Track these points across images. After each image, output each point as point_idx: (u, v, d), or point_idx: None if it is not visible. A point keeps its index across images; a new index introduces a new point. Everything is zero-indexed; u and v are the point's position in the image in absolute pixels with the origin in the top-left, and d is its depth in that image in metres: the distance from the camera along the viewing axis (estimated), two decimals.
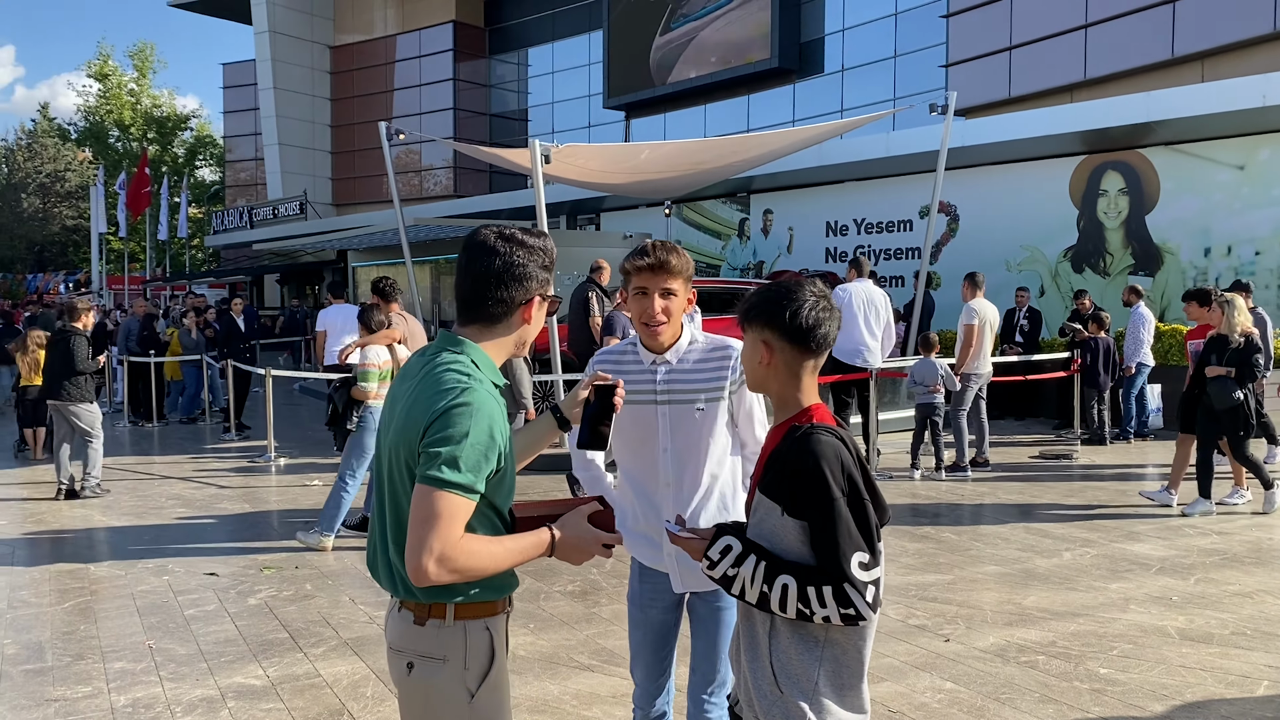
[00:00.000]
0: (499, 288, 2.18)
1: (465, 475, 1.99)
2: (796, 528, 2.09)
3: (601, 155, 11.69)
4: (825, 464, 2.05)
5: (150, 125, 52.32)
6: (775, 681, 2.11)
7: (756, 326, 2.24)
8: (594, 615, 5.63)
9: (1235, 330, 7.90)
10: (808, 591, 2.02)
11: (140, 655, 5.09)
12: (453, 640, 2.13)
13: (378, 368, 7.19)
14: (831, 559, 2.03)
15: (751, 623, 2.19)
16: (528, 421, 7.68)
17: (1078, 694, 4.40)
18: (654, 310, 2.81)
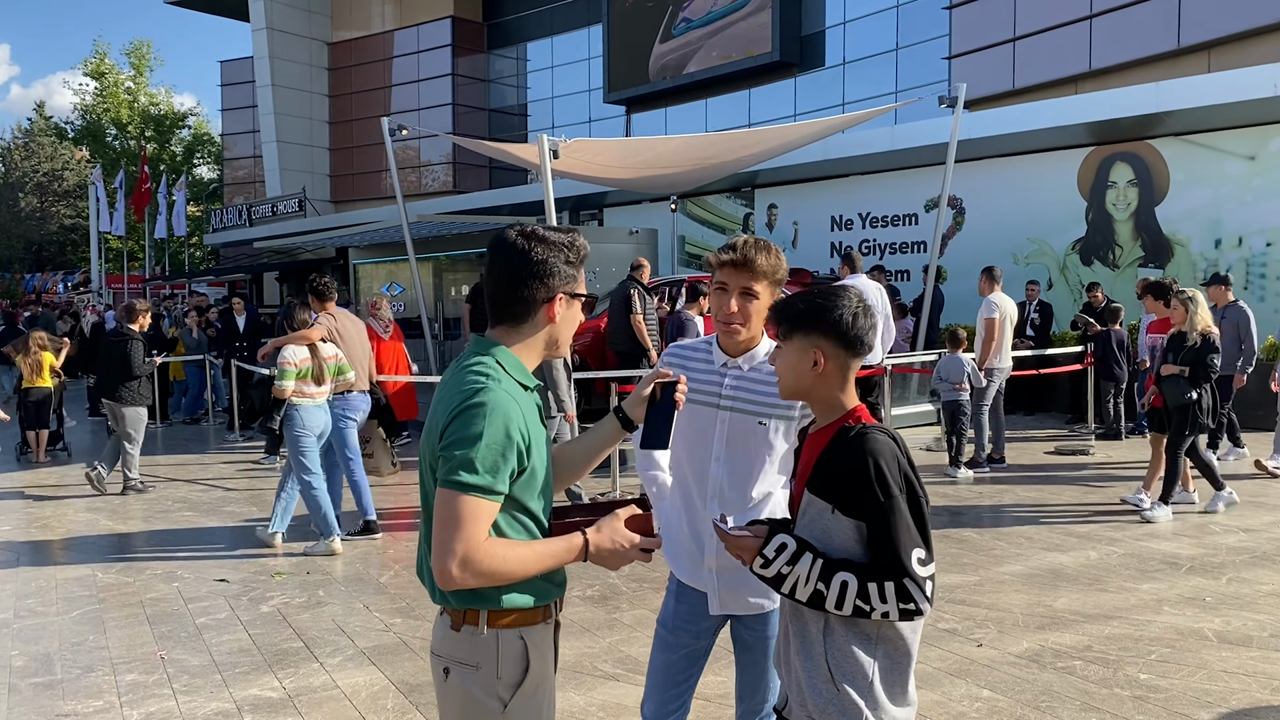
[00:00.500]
0: (519, 287, 2.16)
1: (483, 477, 1.98)
2: (850, 526, 2.11)
3: (610, 150, 11.56)
4: (884, 462, 2.08)
5: (148, 123, 52.05)
6: (832, 679, 2.12)
7: (805, 333, 2.23)
8: (615, 621, 5.50)
9: (1196, 328, 7.64)
10: (868, 588, 2.04)
11: (152, 666, 4.97)
12: (485, 648, 2.11)
13: (295, 366, 7.15)
14: (892, 555, 2.05)
15: (803, 622, 2.19)
16: (568, 425, 7.58)
17: (1119, 701, 4.28)
18: (729, 308, 2.67)
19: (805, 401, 2.32)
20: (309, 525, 7.43)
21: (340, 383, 7.48)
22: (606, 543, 2.12)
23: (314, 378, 7.23)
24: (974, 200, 17.60)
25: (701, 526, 2.74)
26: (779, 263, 2.70)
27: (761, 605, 2.74)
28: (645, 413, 2.43)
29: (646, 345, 10.60)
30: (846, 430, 2.17)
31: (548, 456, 2.22)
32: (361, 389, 7.83)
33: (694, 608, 2.80)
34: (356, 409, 7.77)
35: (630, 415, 2.45)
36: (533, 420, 2.13)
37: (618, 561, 2.14)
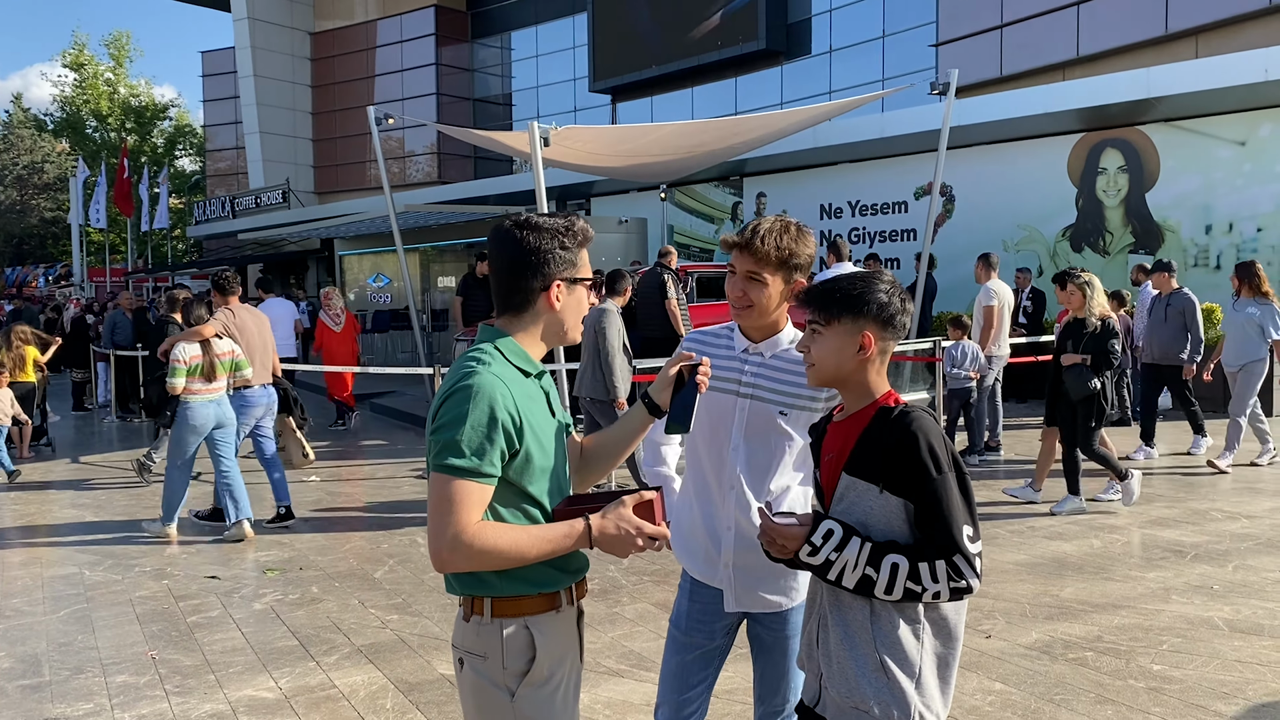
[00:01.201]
0: (516, 277, 2.16)
1: (469, 459, 1.98)
2: (898, 506, 2.08)
3: (601, 137, 11.43)
4: (934, 439, 2.06)
5: (128, 115, 51.57)
6: (883, 667, 2.08)
7: (852, 317, 2.18)
8: (617, 616, 5.41)
9: (1094, 314, 7.35)
10: (919, 569, 2.01)
11: (143, 667, 4.84)
12: (491, 637, 2.11)
13: (184, 364, 7.20)
14: (944, 532, 2.02)
15: (844, 612, 2.13)
16: (619, 412, 7.51)
17: (1134, 693, 4.20)
18: (734, 292, 2.58)
19: (840, 389, 2.24)
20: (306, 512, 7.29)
21: (238, 378, 7.58)
22: (611, 528, 2.08)
23: (204, 374, 7.29)
24: (964, 188, 17.54)
25: (717, 520, 2.64)
26: (795, 247, 2.56)
27: (780, 603, 2.63)
28: (670, 398, 2.36)
29: (680, 330, 10.69)
30: (888, 410, 2.14)
31: (555, 444, 2.19)
32: (263, 383, 7.93)
33: (708, 606, 2.69)
34: (255, 404, 7.87)
35: (657, 400, 2.38)
36: (530, 405, 2.12)
37: (623, 549, 2.09)
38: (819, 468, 2.27)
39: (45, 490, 9.45)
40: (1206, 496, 7.84)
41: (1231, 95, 13.69)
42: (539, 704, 2.13)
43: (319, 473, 9.83)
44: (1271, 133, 13.96)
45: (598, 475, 2.43)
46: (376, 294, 20.94)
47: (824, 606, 2.18)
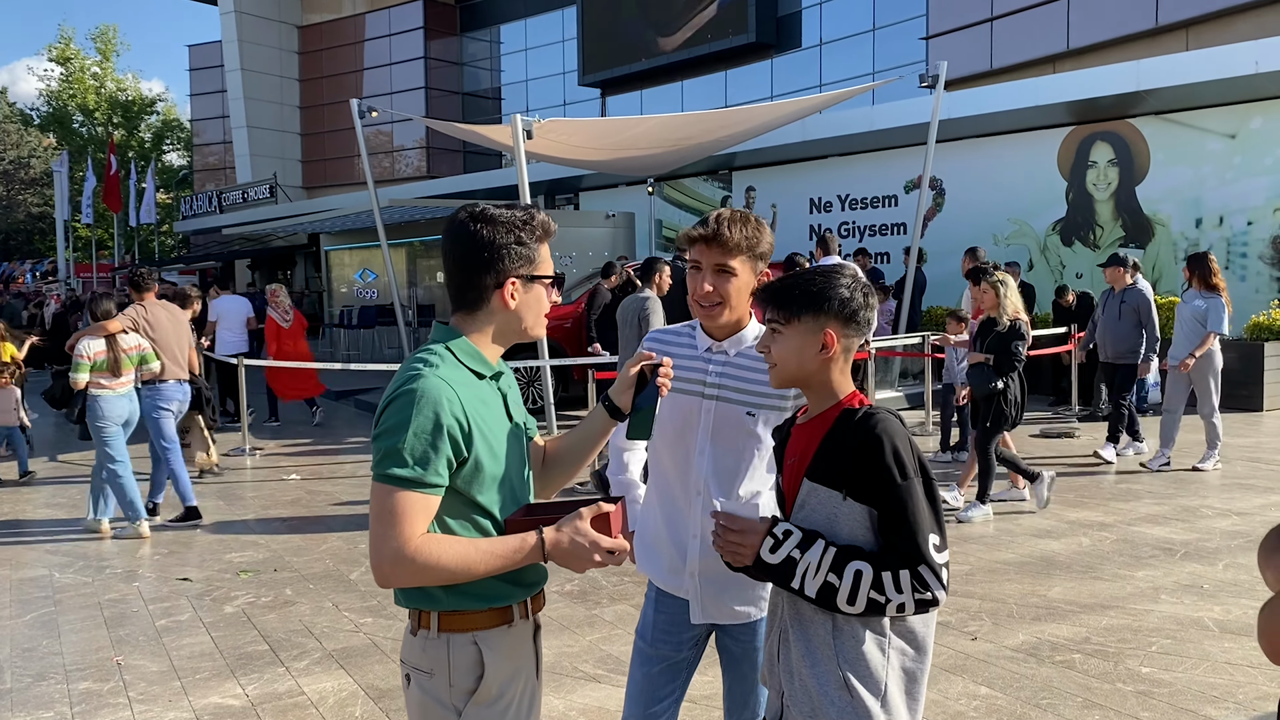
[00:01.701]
0: (468, 272, 2.04)
1: (412, 469, 1.88)
2: (861, 513, 1.95)
3: (584, 130, 11.29)
4: (899, 443, 1.94)
5: (115, 109, 51.24)
6: (845, 685, 1.95)
7: (813, 314, 2.06)
8: (596, 618, 5.29)
9: (1005, 313, 7.12)
10: (883, 578, 1.89)
11: (108, 673, 4.71)
12: (437, 653, 2.01)
13: (89, 359, 7.15)
14: (909, 541, 1.90)
15: (805, 627, 2.01)
16: None
17: (1123, 697, 4.10)
18: (703, 288, 2.45)
19: (803, 389, 2.12)
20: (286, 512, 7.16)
21: (144, 372, 7.52)
22: (566, 542, 1.95)
23: (110, 369, 7.24)
24: (953, 181, 17.45)
25: (683, 528, 2.51)
26: (759, 235, 2.47)
27: (748, 614, 2.51)
28: (631, 400, 2.24)
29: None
30: (851, 413, 2.02)
31: (510, 450, 2.07)
32: (177, 378, 7.87)
33: (674, 617, 2.57)
34: (170, 399, 7.81)
35: (617, 403, 2.25)
36: (482, 409, 2.00)
37: (579, 563, 1.97)
38: (781, 472, 2.16)
39: (20, 490, 9.30)
40: (1197, 493, 7.75)
41: (1222, 88, 13.61)
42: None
43: (299, 470, 9.70)
44: (1262, 125, 13.88)
45: (562, 481, 2.32)
46: (363, 289, 20.78)
47: (785, 620, 2.06)
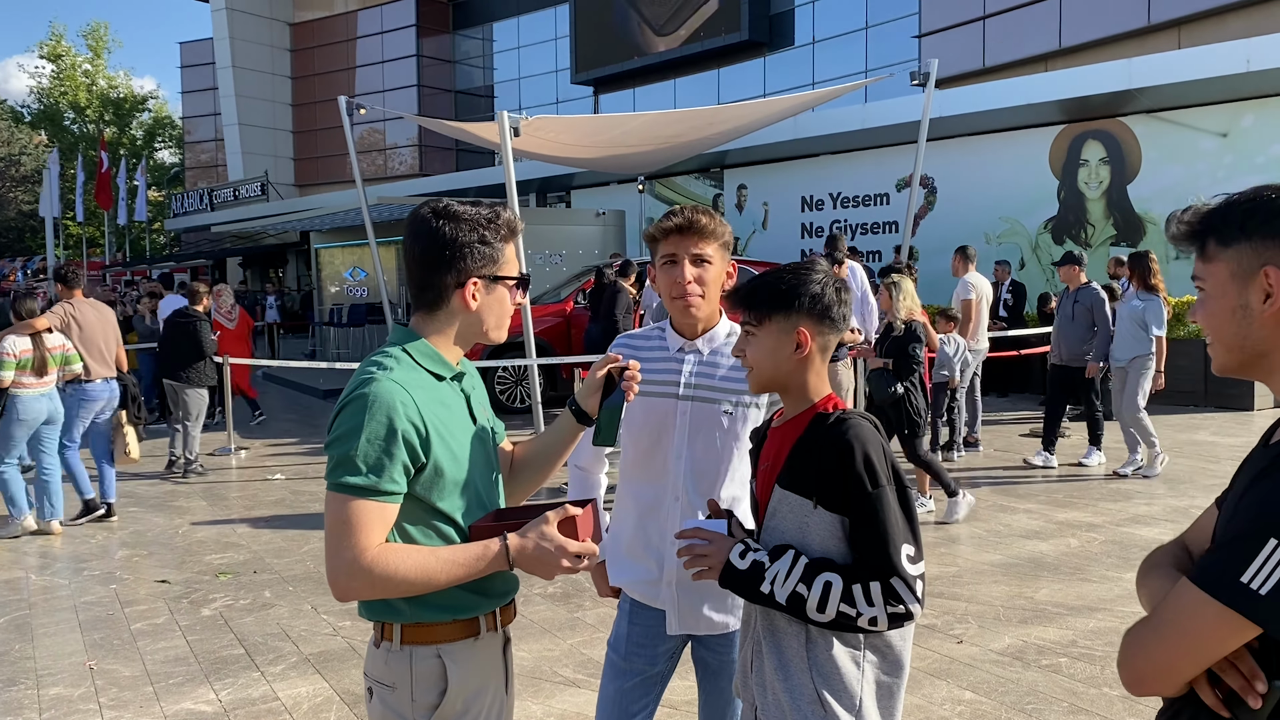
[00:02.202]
0: (428, 271, 1.97)
1: (366, 476, 1.81)
2: (832, 522, 1.88)
3: (573, 128, 11.21)
4: (871, 449, 1.87)
5: (106, 107, 51.04)
6: (819, 699, 1.88)
7: (785, 313, 1.99)
8: (578, 621, 5.22)
9: (899, 315, 7.01)
10: (853, 590, 1.82)
11: (80, 678, 4.63)
12: (400, 666, 1.94)
13: (14, 357, 7.11)
14: (880, 552, 1.83)
15: (778, 638, 1.94)
16: None
17: (1109, 703, 4.04)
18: (684, 279, 2.37)
19: (781, 393, 2.05)
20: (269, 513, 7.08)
21: (66, 372, 7.49)
22: (531, 547, 1.88)
23: (35, 369, 7.20)
24: (945, 179, 17.40)
25: (660, 535, 2.44)
26: (726, 227, 2.45)
27: (726, 624, 2.43)
28: (598, 404, 2.17)
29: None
30: (824, 417, 1.95)
31: (474, 453, 1.99)
32: (104, 377, 7.85)
33: (648, 629, 2.49)
34: (95, 398, 7.79)
35: (584, 406, 2.18)
36: (441, 412, 1.93)
37: (546, 570, 1.90)
38: (755, 478, 2.09)
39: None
40: (1186, 494, 7.70)
41: (1213, 86, 13.58)
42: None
43: (284, 471, 9.62)
44: (1254, 124, 13.86)
45: (531, 486, 2.25)
46: (354, 287, 20.68)
47: (758, 632, 1.99)
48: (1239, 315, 1.43)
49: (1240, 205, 1.43)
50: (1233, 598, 1.26)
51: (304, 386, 16.34)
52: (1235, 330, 1.44)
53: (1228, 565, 1.27)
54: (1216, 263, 1.45)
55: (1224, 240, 1.44)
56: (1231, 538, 1.29)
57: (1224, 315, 1.45)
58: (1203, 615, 1.28)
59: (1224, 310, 1.45)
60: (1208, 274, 1.47)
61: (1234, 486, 1.44)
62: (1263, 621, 1.25)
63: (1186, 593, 1.31)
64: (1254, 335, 1.43)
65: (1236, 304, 1.43)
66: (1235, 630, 1.27)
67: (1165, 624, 1.33)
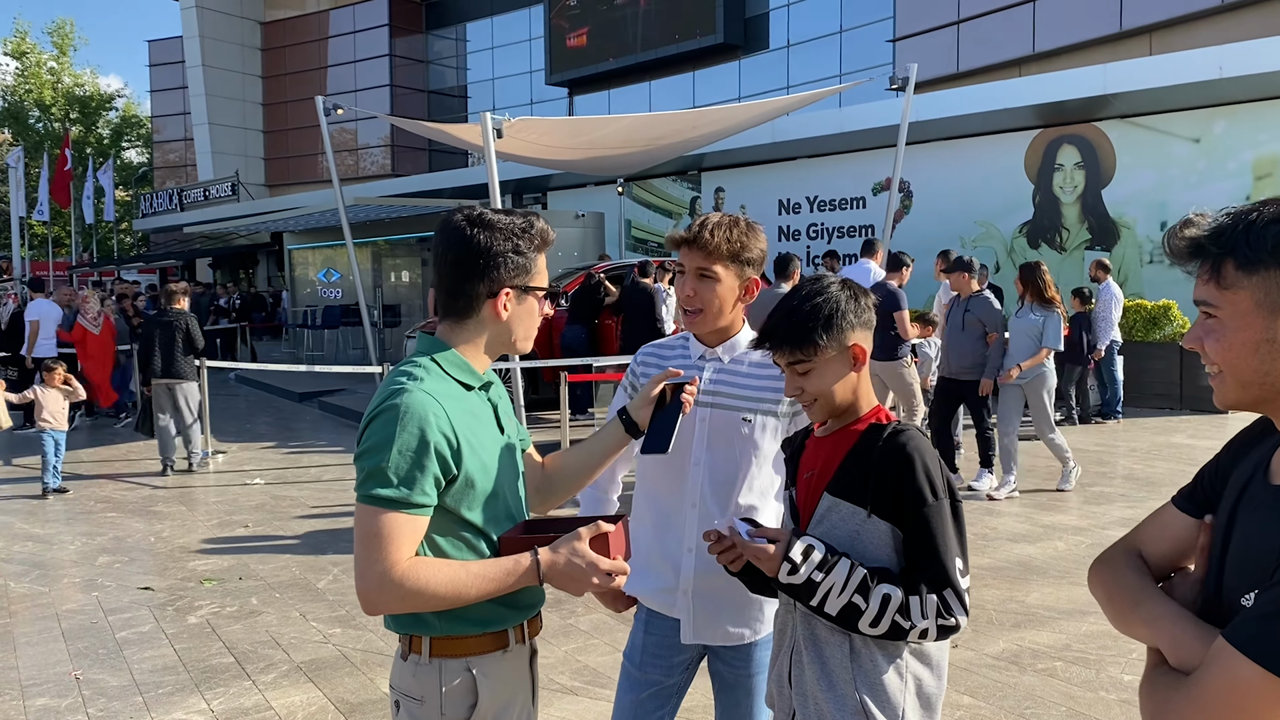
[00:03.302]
0: (460, 279, 1.94)
1: (398, 489, 1.79)
2: (884, 531, 1.87)
3: (556, 130, 11.16)
4: (930, 463, 1.87)
5: (72, 105, 50.34)
6: (864, 710, 1.87)
7: (836, 338, 1.95)
8: (571, 628, 5.19)
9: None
10: (910, 602, 1.81)
11: (66, 688, 4.54)
12: (429, 680, 1.91)
13: None
14: (936, 564, 1.83)
15: (820, 648, 1.92)
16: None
17: (1106, 706, 4.06)
18: (685, 291, 2.37)
19: (836, 411, 2.01)
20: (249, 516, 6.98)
21: None
22: (562, 563, 1.86)
23: None
24: (921, 183, 17.50)
25: (677, 543, 2.41)
26: (749, 241, 2.37)
27: (742, 635, 2.40)
28: (650, 415, 2.17)
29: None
30: (880, 428, 1.93)
31: (503, 465, 1.97)
32: None
33: (664, 639, 2.46)
34: None
35: (636, 419, 2.18)
36: (472, 423, 1.90)
37: (577, 586, 1.88)
38: (795, 485, 2.07)
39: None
40: (1167, 496, 7.72)
41: (1187, 92, 13.75)
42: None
43: (263, 475, 9.51)
44: (1225, 130, 14.03)
45: (563, 497, 2.23)
46: (327, 289, 20.52)
47: (798, 640, 1.97)
48: (1263, 350, 1.30)
49: (1269, 225, 1.29)
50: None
51: (279, 389, 16.17)
52: (1257, 366, 1.31)
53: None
54: (1237, 290, 1.31)
55: (1248, 265, 1.29)
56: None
57: (1244, 349, 1.31)
58: (1261, 691, 1.18)
59: (1245, 344, 1.31)
60: (1225, 301, 1.32)
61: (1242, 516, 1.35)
62: None
63: (1235, 663, 1.20)
64: (1276, 371, 1.30)
65: (1262, 338, 1.29)
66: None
67: (1214, 696, 1.22)
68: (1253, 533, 1.32)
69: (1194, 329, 1.38)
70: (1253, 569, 1.28)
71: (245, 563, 6.56)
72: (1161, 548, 1.52)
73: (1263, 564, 1.26)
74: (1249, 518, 1.34)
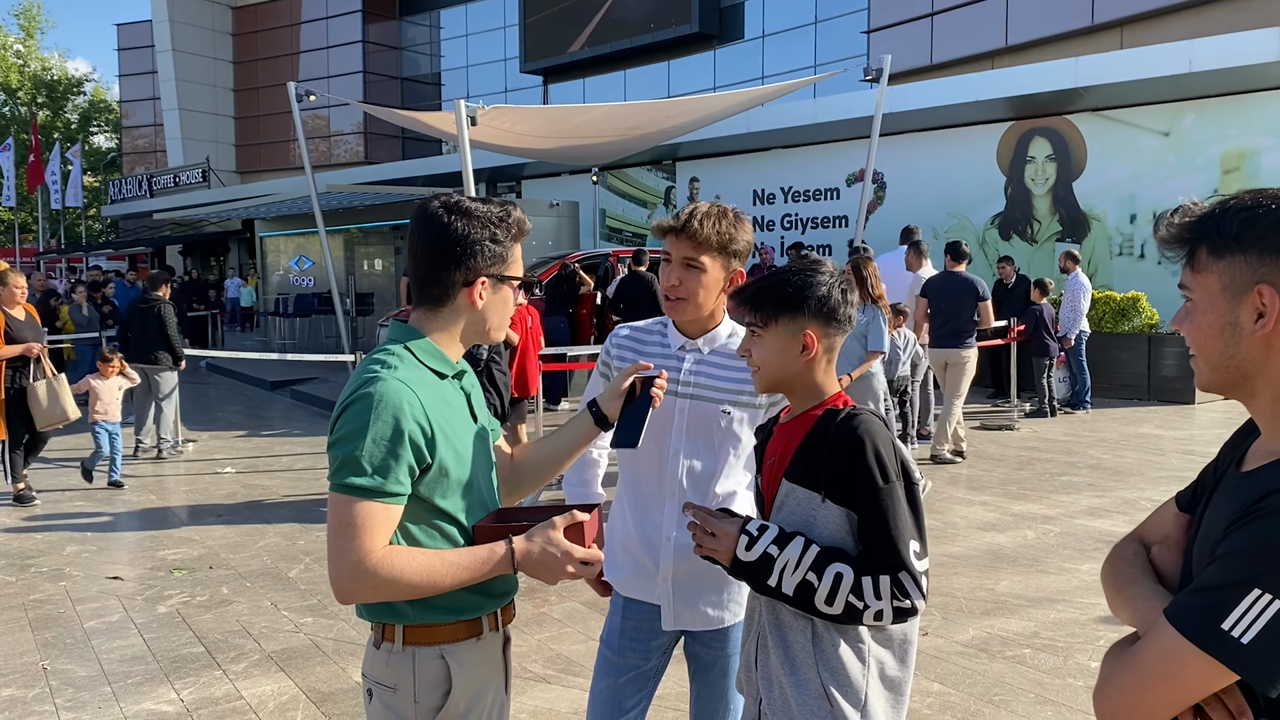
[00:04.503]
0: (436, 267, 1.93)
1: (371, 478, 1.78)
2: (840, 516, 1.89)
3: (530, 118, 11.12)
4: (881, 445, 1.88)
5: (40, 89, 49.64)
6: (825, 694, 1.89)
7: (791, 315, 1.99)
8: (545, 616, 5.19)
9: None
10: (863, 582, 1.82)
11: (33, 679, 4.50)
12: (402, 668, 1.91)
13: None
14: (888, 546, 1.84)
15: (784, 633, 1.94)
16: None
17: (1074, 692, 4.11)
18: (669, 280, 2.37)
19: (786, 393, 2.05)
20: (220, 508, 6.94)
21: None
22: (536, 552, 1.86)
23: None
24: (894, 174, 17.57)
25: (656, 531, 2.43)
26: (734, 232, 2.38)
27: (721, 619, 2.43)
28: (620, 408, 2.16)
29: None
30: (834, 413, 1.95)
31: (476, 453, 1.97)
32: None
33: (642, 624, 2.48)
34: None
35: (605, 411, 2.17)
36: (445, 411, 1.90)
37: (551, 574, 1.88)
38: (760, 473, 2.09)
39: None
40: (1135, 486, 7.86)
41: (1157, 86, 13.86)
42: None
43: (234, 464, 9.45)
44: (1195, 123, 14.16)
45: (531, 488, 2.23)
46: (299, 277, 20.37)
47: (763, 625, 1.99)
48: (1227, 333, 1.35)
49: (1237, 213, 1.33)
50: (1214, 646, 1.22)
51: (250, 378, 16.05)
52: (1221, 349, 1.36)
53: (1210, 612, 1.23)
54: (1207, 274, 1.36)
55: (1216, 250, 1.34)
56: (1213, 583, 1.25)
57: (1211, 331, 1.36)
58: (1183, 662, 1.25)
59: (1211, 325, 1.36)
60: (1196, 285, 1.38)
61: (1210, 505, 1.39)
62: (1243, 670, 1.21)
63: (1166, 636, 1.27)
64: (1240, 355, 1.34)
65: (1225, 320, 1.34)
66: (1215, 677, 1.24)
67: (1145, 666, 1.29)
68: (1213, 517, 1.36)
69: (1178, 312, 1.43)
70: (1207, 551, 1.32)
71: (216, 552, 6.52)
72: (1157, 537, 1.57)
73: (1214, 543, 1.30)
74: (1214, 504, 1.38)
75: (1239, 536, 1.25)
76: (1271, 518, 1.23)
